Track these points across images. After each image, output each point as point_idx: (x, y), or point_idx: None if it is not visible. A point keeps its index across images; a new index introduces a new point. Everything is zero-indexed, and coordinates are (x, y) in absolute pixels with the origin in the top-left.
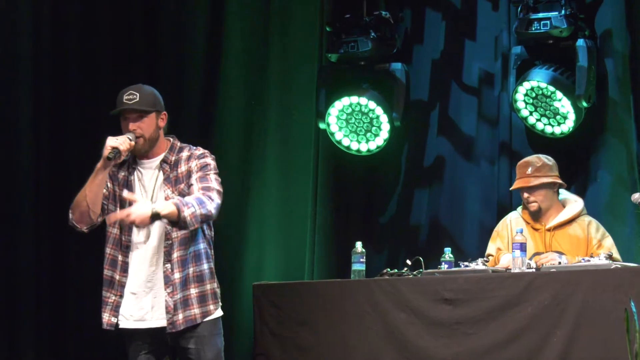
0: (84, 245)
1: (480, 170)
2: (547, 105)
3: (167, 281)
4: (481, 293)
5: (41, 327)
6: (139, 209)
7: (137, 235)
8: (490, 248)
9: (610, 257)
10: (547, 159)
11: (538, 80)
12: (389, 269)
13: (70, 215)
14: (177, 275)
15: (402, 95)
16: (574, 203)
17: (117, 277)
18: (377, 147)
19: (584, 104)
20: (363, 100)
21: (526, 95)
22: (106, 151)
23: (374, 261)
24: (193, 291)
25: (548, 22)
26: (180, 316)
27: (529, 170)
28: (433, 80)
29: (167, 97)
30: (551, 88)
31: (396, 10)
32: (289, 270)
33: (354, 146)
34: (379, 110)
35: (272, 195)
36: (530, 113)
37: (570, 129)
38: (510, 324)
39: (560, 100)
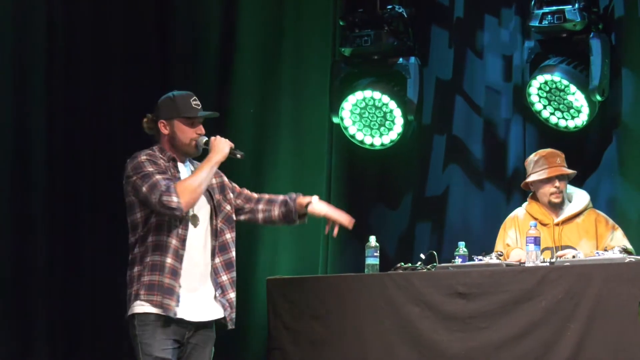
0: (98, 241)
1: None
2: (560, 99)
3: (217, 281)
4: (495, 287)
5: (54, 323)
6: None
7: (193, 230)
8: (499, 245)
9: (624, 250)
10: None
11: (552, 73)
12: (402, 263)
13: (177, 199)
14: (224, 277)
15: (415, 89)
16: (580, 196)
17: (179, 266)
18: (391, 141)
19: (598, 97)
20: (376, 95)
21: (540, 89)
22: (229, 147)
23: (387, 255)
24: (232, 295)
25: (561, 15)
26: (234, 315)
27: (559, 160)
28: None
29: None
30: (565, 82)
31: (409, 5)
32: (302, 265)
33: (368, 140)
34: (392, 105)
35: (286, 190)
36: (544, 107)
37: (584, 123)
38: (524, 318)
39: (574, 93)
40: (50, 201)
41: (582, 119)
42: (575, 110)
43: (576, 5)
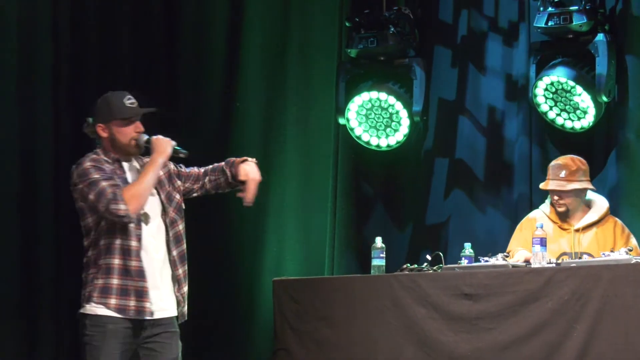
0: None
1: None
2: (567, 100)
3: (174, 276)
4: (501, 288)
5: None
6: (257, 173)
7: (145, 227)
8: (512, 244)
9: (630, 251)
10: (581, 163)
11: (558, 75)
12: (409, 264)
13: (125, 206)
14: (180, 271)
15: (421, 90)
16: (600, 204)
17: (132, 266)
18: (397, 142)
19: (604, 98)
20: (383, 96)
21: (546, 90)
22: (171, 147)
23: (393, 256)
24: (186, 288)
25: (568, 16)
26: (185, 310)
27: (563, 174)
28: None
29: (187, 92)
30: (571, 83)
31: (415, 6)
32: (309, 266)
33: (374, 141)
34: (398, 106)
35: (292, 190)
36: (550, 108)
37: (590, 124)
38: (530, 318)
39: (580, 95)
40: (57, 205)
41: (588, 120)
42: (582, 111)
43: (582, 6)
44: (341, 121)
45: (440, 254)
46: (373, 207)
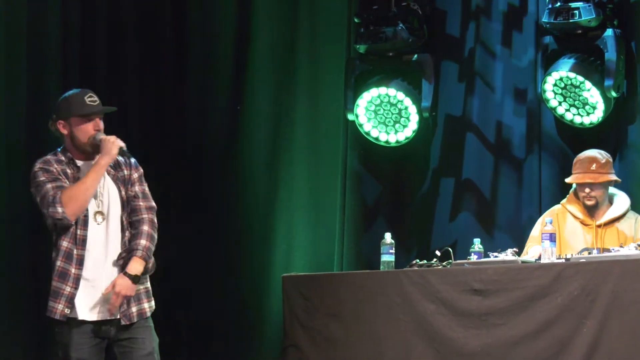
0: None
1: (510, 163)
2: (576, 96)
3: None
4: (511, 284)
5: None
6: (126, 287)
7: (92, 231)
8: (534, 232)
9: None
10: (608, 156)
11: (567, 70)
12: (418, 260)
13: (62, 209)
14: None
15: (430, 86)
16: (622, 199)
17: (73, 270)
18: (406, 138)
19: (613, 93)
20: (391, 92)
21: (555, 85)
22: (117, 149)
23: (403, 252)
24: (141, 287)
25: (576, 12)
26: (134, 309)
27: (594, 167)
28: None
29: (195, 89)
30: (580, 78)
31: (424, 2)
32: (318, 262)
33: (383, 137)
34: (407, 102)
35: (301, 187)
36: (559, 103)
37: (600, 119)
38: (539, 314)
39: (589, 90)
40: None
41: (597, 116)
42: (591, 106)
43: (591, 2)
44: (350, 117)
45: (450, 249)
46: (382, 202)
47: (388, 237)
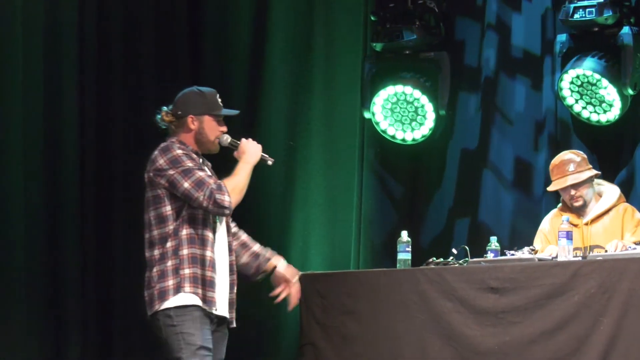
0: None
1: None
2: (592, 93)
3: (231, 277)
4: (527, 282)
5: (87, 322)
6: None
7: (219, 224)
8: (537, 240)
9: None
10: (581, 153)
11: (583, 68)
12: (434, 258)
13: (229, 199)
14: (234, 276)
15: (446, 84)
16: (610, 193)
17: (210, 255)
18: (423, 136)
19: (630, 91)
20: (408, 89)
21: (572, 83)
22: (260, 152)
23: (419, 250)
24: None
25: (593, 9)
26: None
27: (572, 167)
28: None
29: (212, 87)
30: (597, 76)
31: None
32: (334, 260)
33: (399, 135)
34: (424, 99)
35: (317, 185)
36: (576, 101)
37: (616, 117)
38: (556, 312)
39: (605, 88)
40: (82, 203)
41: (614, 113)
42: (607, 104)
43: None
44: (366, 115)
45: (466, 247)
46: (398, 200)
47: (404, 235)
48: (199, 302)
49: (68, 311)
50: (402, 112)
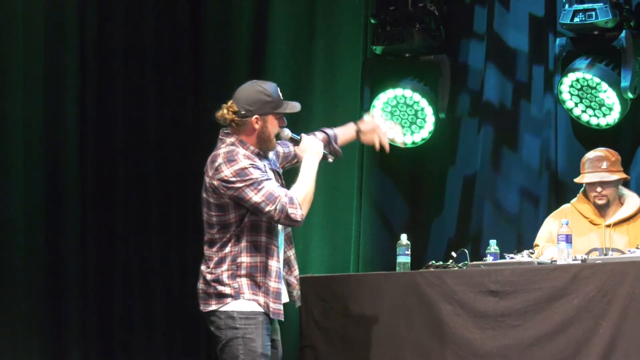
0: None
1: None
2: (592, 97)
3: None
4: (527, 285)
5: (88, 322)
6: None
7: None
8: (541, 232)
9: None
10: (617, 154)
11: (583, 71)
12: (434, 261)
13: (301, 212)
14: (296, 272)
15: (446, 87)
16: (633, 199)
17: (276, 266)
18: (422, 139)
19: (630, 95)
20: (408, 93)
21: (571, 86)
22: (322, 148)
23: (419, 253)
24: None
25: (593, 13)
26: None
27: (605, 165)
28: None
29: (212, 87)
30: (596, 79)
31: (441, 2)
32: (334, 263)
33: (399, 138)
34: (423, 103)
35: (317, 188)
36: (576, 104)
37: (616, 121)
38: (556, 315)
39: (605, 91)
40: (83, 203)
41: (613, 117)
42: (607, 108)
43: (608, 3)
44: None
45: (466, 250)
46: (398, 204)
47: (404, 238)
48: (261, 309)
49: (68, 311)
50: (402, 115)
